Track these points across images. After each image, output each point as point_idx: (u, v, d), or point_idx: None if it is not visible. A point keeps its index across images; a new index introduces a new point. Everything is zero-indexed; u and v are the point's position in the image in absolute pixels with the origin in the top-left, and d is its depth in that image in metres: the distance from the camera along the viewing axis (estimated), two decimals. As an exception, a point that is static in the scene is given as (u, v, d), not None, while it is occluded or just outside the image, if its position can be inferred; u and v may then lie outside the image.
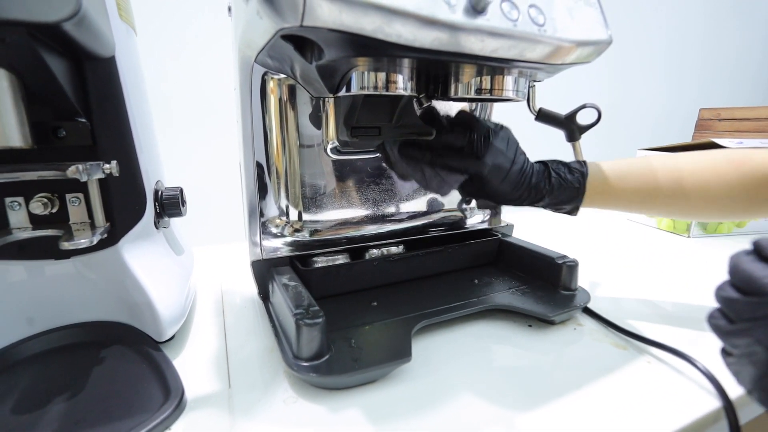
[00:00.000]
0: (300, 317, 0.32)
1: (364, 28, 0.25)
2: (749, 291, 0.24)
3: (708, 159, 0.42)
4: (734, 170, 0.40)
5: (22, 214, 0.33)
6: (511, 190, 0.42)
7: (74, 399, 0.30)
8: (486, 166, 0.40)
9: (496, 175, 0.41)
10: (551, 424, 0.29)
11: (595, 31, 0.34)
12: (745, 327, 0.24)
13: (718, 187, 0.40)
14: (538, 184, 0.42)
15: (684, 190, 0.41)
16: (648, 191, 0.42)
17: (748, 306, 0.23)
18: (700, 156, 0.42)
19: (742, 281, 0.24)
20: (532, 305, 0.42)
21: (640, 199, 0.43)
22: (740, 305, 0.24)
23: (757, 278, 0.23)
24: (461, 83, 0.37)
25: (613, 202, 0.44)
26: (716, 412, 0.31)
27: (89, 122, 0.33)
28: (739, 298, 0.24)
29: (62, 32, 0.26)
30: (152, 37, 0.64)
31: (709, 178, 0.41)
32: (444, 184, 0.42)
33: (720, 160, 0.41)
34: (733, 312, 0.25)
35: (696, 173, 0.41)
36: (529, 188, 0.42)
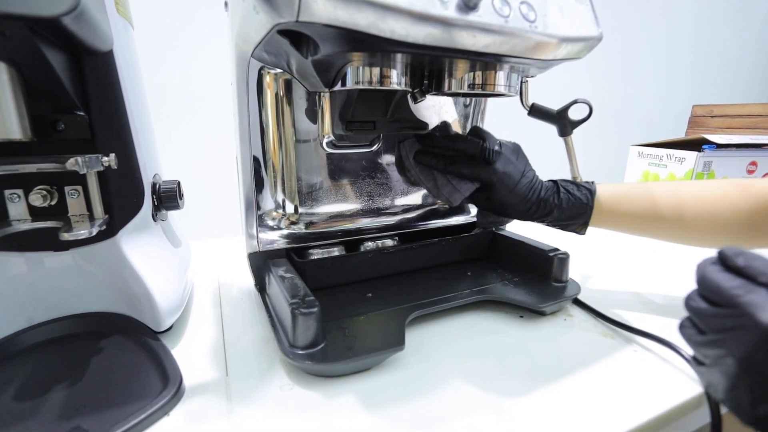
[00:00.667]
0: (296, 307, 0.33)
1: (358, 23, 0.26)
2: (718, 302, 0.24)
3: (712, 184, 0.43)
4: (740, 193, 0.40)
5: (22, 206, 0.34)
6: (519, 202, 0.43)
7: (74, 387, 0.31)
8: (496, 173, 0.42)
9: (505, 183, 0.42)
10: (541, 409, 0.30)
11: (585, 27, 0.34)
12: (715, 338, 0.24)
13: (725, 211, 0.41)
14: (547, 199, 0.43)
15: (686, 214, 0.42)
16: (653, 214, 0.43)
17: (718, 317, 0.23)
18: (704, 183, 0.44)
19: (710, 292, 0.24)
20: (523, 296, 0.43)
21: (646, 222, 0.44)
22: (709, 317, 0.24)
23: (724, 289, 0.23)
24: (455, 78, 0.37)
25: (619, 223, 0.45)
26: (699, 398, 0.32)
27: (88, 116, 0.33)
28: (708, 310, 0.24)
29: (61, 26, 0.27)
30: (149, 31, 0.64)
31: (716, 201, 0.41)
32: (455, 192, 0.43)
33: (725, 184, 0.42)
34: (703, 323, 0.25)
35: (701, 198, 0.42)
36: (538, 202, 0.43)
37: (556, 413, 0.30)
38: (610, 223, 0.45)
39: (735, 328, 0.23)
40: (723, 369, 0.23)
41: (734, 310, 0.23)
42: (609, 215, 0.44)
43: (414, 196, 0.55)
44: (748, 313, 0.22)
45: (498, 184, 0.42)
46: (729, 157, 0.74)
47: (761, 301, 0.22)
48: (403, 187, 0.53)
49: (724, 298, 0.23)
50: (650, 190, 0.44)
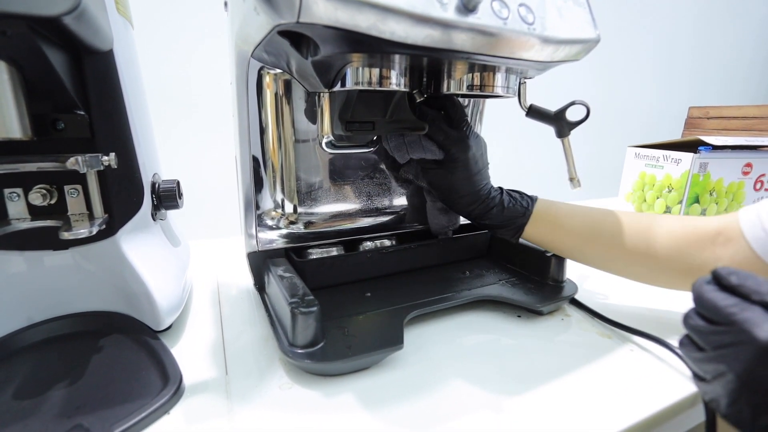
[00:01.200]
0: (295, 306, 0.33)
1: (358, 25, 0.26)
2: (715, 320, 0.25)
3: (661, 221, 0.42)
4: (682, 227, 0.40)
5: (21, 205, 0.34)
6: (470, 191, 0.44)
7: (74, 385, 0.31)
8: (468, 149, 0.43)
9: (468, 167, 0.44)
10: (538, 407, 0.31)
11: (583, 29, 0.35)
12: (714, 355, 0.24)
13: (667, 245, 0.40)
14: (492, 198, 0.45)
15: (626, 240, 0.42)
16: (590, 233, 0.43)
17: (715, 335, 0.24)
18: (649, 217, 0.43)
19: (707, 310, 0.25)
20: (521, 296, 0.44)
21: (582, 239, 0.44)
22: (708, 334, 0.25)
23: (721, 308, 0.24)
24: (453, 79, 0.38)
25: (553, 235, 0.45)
26: (694, 396, 0.32)
27: (88, 115, 0.33)
28: (706, 327, 0.25)
29: (62, 26, 0.27)
30: (148, 30, 0.64)
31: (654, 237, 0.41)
32: (419, 148, 0.44)
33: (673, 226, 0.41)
34: (701, 340, 0.25)
35: (637, 229, 0.42)
36: (485, 198, 0.45)
37: (554, 412, 0.30)
38: (545, 234, 0.45)
39: (733, 345, 0.23)
40: (723, 384, 0.24)
41: (731, 328, 0.23)
42: (545, 226, 0.45)
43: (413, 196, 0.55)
44: (745, 330, 0.23)
45: (461, 164, 0.43)
46: (725, 159, 0.74)
47: (756, 318, 0.23)
48: (402, 187, 0.54)
49: (721, 316, 0.24)
50: (590, 212, 0.45)
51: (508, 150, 1.04)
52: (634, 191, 0.85)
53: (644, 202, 0.83)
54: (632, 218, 0.43)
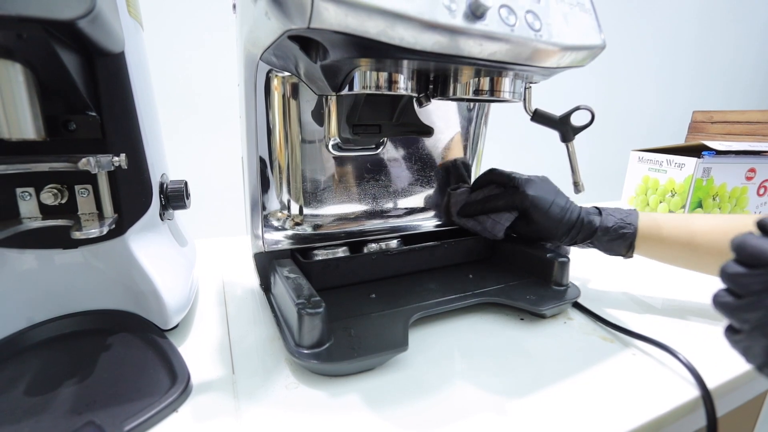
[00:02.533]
0: (302, 307, 0.34)
1: (368, 31, 0.27)
2: (759, 264, 0.25)
3: (733, 222, 0.44)
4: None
5: (33, 204, 0.34)
6: (556, 224, 0.47)
7: (84, 383, 0.31)
8: (527, 197, 0.47)
9: (538, 207, 0.47)
10: (540, 410, 0.31)
11: (589, 36, 0.35)
12: (755, 299, 0.24)
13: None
14: (590, 221, 0.46)
15: (720, 248, 0.43)
16: (689, 244, 0.45)
17: (758, 277, 0.24)
18: (728, 218, 0.45)
19: (750, 257, 0.25)
20: (524, 299, 0.44)
21: (684, 252, 0.45)
22: (749, 278, 0.25)
23: (766, 250, 0.24)
24: (460, 84, 0.38)
25: (660, 250, 0.47)
26: (695, 401, 0.32)
27: (99, 116, 0.34)
28: (747, 272, 0.25)
29: (77, 29, 0.27)
30: (156, 32, 0.65)
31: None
32: (496, 224, 0.50)
33: (739, 222, 0.43)
34: (741, 287, 0.25)
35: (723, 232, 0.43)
36: (578, 224, 0.47)
37: (556, 415, 0.31)
38: (650, 249, 0.47)
39: None
40: (765, 330, 0.24)
41: None
42: (650, 241, 0.46)
43: (417, 199, 0.55)
44: None
45: (531, 209, 0.47)
46: (728, 164, 0.74)
47: None
48: (406, 189, 0.54)
49: (766, 258, 0.24)
50: (686, 220, 0.46)
51: (512, 154, 1.05)
52: (637, 195, 0.86)
53: (647, 206, 0.83)
54: (720, 220, 0.44)
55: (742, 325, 0.25)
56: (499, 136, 0.47)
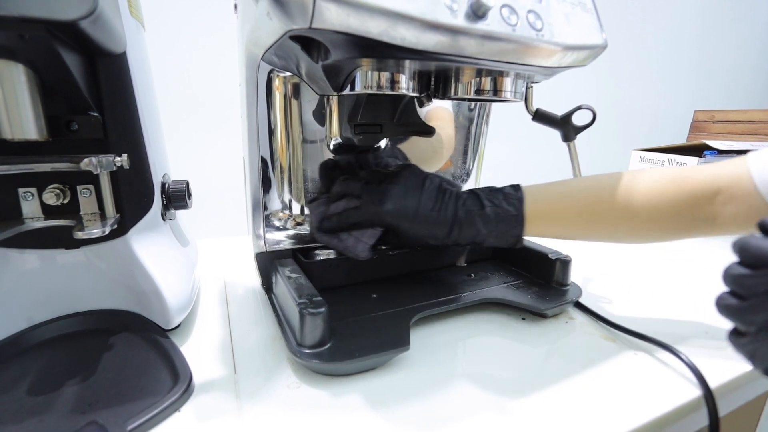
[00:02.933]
0: (304, 306, 0.34)
1: (370, 31, 0.27)
2: (761, 265, 0.24)
3: (650, 179, 0.39)
4: (676, 190, 0.37)
5: (35, 204, 0.34)
6: (430, 231, 0.39)
7: (86, 382, 0.31)
8: (388, 213, 0.39)
9: (404, 217, 0.39)
10: (542, 410, 0.31)
11: (590, 35, 0.35)
12: (761, 301, 0.24)
13: (663, 206, 0.38)
14: (470, 216, 0.39)
15: (631, 208, 0.38)
16: (594, 210, 0.39)
17: (763, 278, 0.24)
18: (643, 175, 0.40)
19: (754, 258, 0.25)
20: (525, 299, 0.44)
21: (585, 220, 0.40)
22: (753, 279, 0.24)
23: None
24: (461, 83, 0.38)
25: (555, 226, 0.40)
26: (697, 401, 0.32)
27: (101, 116, 0.34)
28: (752, 273, 0.24)
29: (79, 29, 0.28)
30: (158, 32, 0.65)
31: (654, 196, 0.38)
32: (359, 243, 0.41)
33: (661, 179, 0.39)
34: (745, 288, 0.25)
35: (641, 192, 0.38)
36: (458, 224, 0.39)
37: (557, 414, 0.31)
38: (546, 229, 0.41)
39: None
40: None
41: None
42: (544, 219, 0.40)
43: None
44: None
45: (396, 222, 0.39)
46: None
47: None
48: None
49: None
50: (596, 184, 0.40)
51: (513, 154, 1.05)
52: (638, 194, 0.85)
53: (648, 205, 0.83)
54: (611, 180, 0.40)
55: (748, 327, 0.25)
56: (501, 136, 0.47)
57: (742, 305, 0.25)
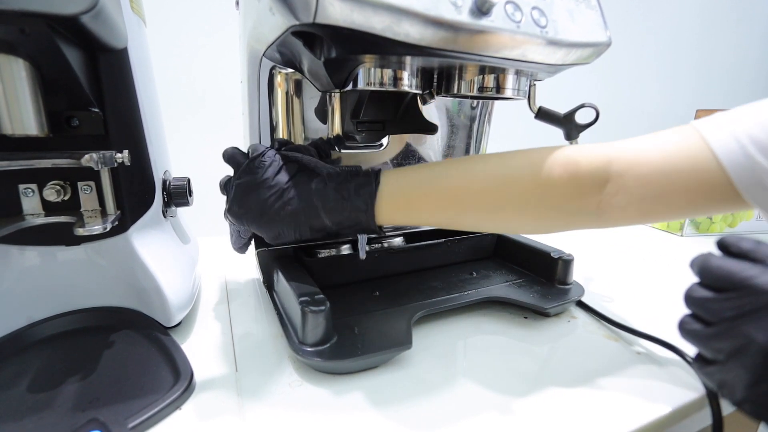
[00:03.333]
0: (306, 304, 0.33)
1: (373, 26, 0.26)
2: (726, 287, 0.22)
3: (518, 163, 0.34)
4: (568, 176, 0.32)
5: (36, 200, 0.34)
6: (283, 227, 0.35)
7: (87, 380, 0.31)
8: (233, 213, 0.36)
9: (251, 216, 0.35)
10: (544, 409, 0.31)
11: (595, 33, 0.35)
12: (728, 327, 0.22)
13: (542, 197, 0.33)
14: (314, 212, 0.34)
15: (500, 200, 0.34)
16: (458, 200, 0.34)
17: (729, 302, 0.22)
18: (508, 161, 0.35)
19: (717, 279, 0.23)
20: (528, 297, 0.44)
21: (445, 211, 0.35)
22: (719, 303, 0.22)
23: (736, 272, 0.22)
24: (464, 81, 0.38)
25: (413, 217, 0.36)
26: (701, 400, 0.32)
27: (102, 112, 0.34)
28: (716, 296, 0.23)
29: (80, 24, 0.27)
30: (159, 28, 0.64)
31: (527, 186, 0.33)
32: (239, 239, 0.44)
33: (535, 161, 0.33)
34: (710, 313, 0.23)
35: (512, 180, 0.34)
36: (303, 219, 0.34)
37: (560, 413, 0.30)
38: (402, 220, 0.36)
39: (755, 311, 0.21)
40: (743, 361, 0.21)
41: (750, 291, 0.21)
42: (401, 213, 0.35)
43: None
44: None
45: (246, 220, 0.36)
46: None
47: None
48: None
49: (737, 281, 0.22)
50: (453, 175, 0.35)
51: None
52: (639, 194, 0.85)
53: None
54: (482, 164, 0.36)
55: (716, 355, 0.23)
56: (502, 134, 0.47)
57: (707, 331, 0.23)
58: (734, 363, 0.22)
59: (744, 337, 0.21)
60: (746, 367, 0.21)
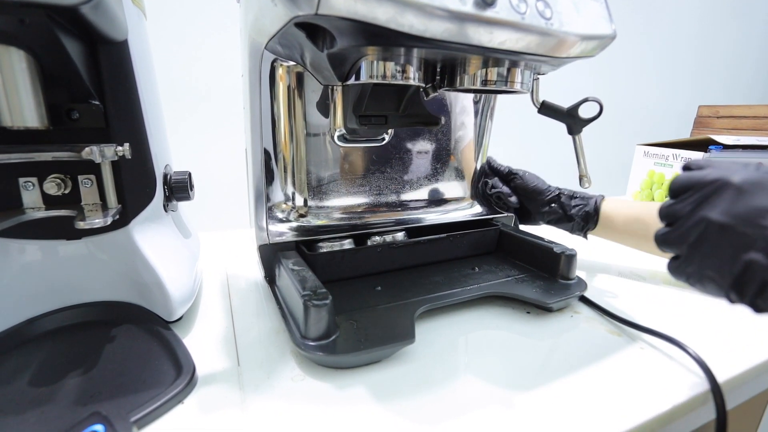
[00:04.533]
0: (308, 298, 0.33)
1: (377, 17, 0.26)
2: (684, 191, 0.28)
3: None
4: None
5: (36, 194, 0.34)
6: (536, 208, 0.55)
7: (89, 374, 0.31)
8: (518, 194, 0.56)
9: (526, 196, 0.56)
10: (547, 404, 0.31)
11: (599, 25, 0.34)
12: (686, 220, 0.27)
13: None
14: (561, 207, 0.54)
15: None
16: (640, 236, 0.50)
17: (687, 200, 0.28)
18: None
19: (677, 188, 0.29)
20: (530, 293, 0.44)
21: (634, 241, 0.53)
22: (679, 204, 0.28)
23: (689, 176, 0.28)
24: (468, 74, 0.37)
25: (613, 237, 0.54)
26: (704, 395, 0.32)
27: (102, 105, 0.33)
28: (677, 199, 0.28)
29: (79, 15, 0.27)
30: (160, 22, 0.64)
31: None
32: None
33: None
34: (672, 215, 0.29)
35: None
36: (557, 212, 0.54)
37: (563, 408, 0.30)
38: (606, 235, 0.54)
39: (707, 197, 0.27)
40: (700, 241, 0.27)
41: (701, 186, 0.27)
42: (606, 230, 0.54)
43: (423, 191, 0.55)
44: (720, 178, 0.26)
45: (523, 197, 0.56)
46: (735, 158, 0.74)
47: (727, 171, 0.27)
48: (412, 182, 0.54)
49: (692, 182, 0.28)
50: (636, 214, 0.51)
51: (516, 146, 1.04)
52: (642, 190, 0.85)
53: (652, 200, 0.83)
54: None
55: (680, 249, 0.28)
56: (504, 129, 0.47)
57: (672, 230, 0.28)
58: (693, 251, 0.27)
59: (701, 220, 0.26)
60: (702, 242, 0.26)
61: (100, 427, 0.25)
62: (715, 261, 0.26)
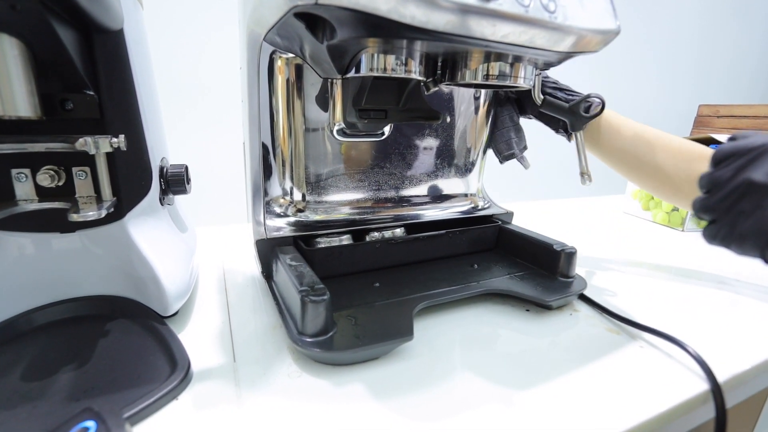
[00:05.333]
0: (306, 294, 0.33)
1: (378, 8, 0.26)
2: (723, 159, 0.32)
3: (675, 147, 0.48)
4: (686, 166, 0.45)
5: (29, 185, 0.33)
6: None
7: (82, 369, 0.30)
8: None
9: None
10: (546, 402, 0.30)
11: (604, 20, 0.34)
12: (722, 187, 0.30)
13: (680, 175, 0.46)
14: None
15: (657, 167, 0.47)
16: (643, 161, 0.49)
17: (728, 166, 0.31)
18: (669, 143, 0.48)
19: (717, 158, 0.32)
20: (530, 290, 0.43)
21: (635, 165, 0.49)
22: (717, 172, 0.31)
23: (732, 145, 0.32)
24: (469, 69, 0.37)
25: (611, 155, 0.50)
26: (704, 395, 0.32)
27: (97, 95, 0.33)
28: (715, 169, 0.32)
29: (73, 2, 0.26)
30: (157, 11, 0.63)
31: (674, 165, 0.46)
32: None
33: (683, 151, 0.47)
34: (710, 183, 0.32)
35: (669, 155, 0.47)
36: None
37: (562, 406, 0.30)
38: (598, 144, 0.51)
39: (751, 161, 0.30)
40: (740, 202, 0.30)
41: (750, 150, 0.30)
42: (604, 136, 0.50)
43: (423, 187, 0.54)
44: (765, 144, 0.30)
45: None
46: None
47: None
48: (412, 177, 0.53)
49: (734, 149, 0.31)
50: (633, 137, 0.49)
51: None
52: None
53: (651, 199, 0.83)
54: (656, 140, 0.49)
55: (714, 214, 0.30)
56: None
57: (711, 196, 0.31)
58: (727, 216, 0.30)
59: (744, 182, 0.28)
60: (751, 207, 0.29)
61: (91, 424, 0.24)
62: (754, 221, 0.28)
